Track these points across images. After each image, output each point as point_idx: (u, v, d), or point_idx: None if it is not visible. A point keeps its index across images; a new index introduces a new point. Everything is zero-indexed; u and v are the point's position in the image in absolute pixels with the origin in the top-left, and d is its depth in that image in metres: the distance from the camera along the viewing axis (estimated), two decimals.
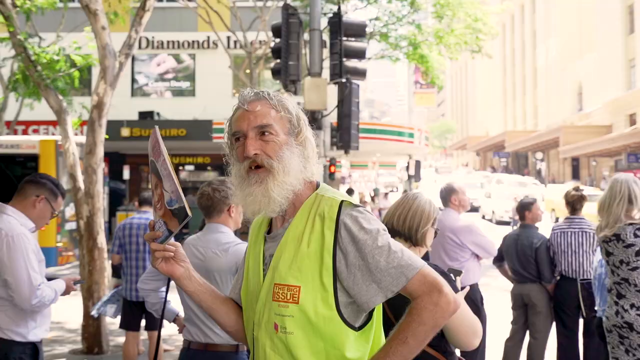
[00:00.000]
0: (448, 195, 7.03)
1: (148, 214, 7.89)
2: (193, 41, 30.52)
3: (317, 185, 2.40)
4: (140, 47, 29.78)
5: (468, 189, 35.50)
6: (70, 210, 14.33)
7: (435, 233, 3.65)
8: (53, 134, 23.19)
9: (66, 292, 4.46)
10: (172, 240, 2.33)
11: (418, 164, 33.77)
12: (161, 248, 2.31)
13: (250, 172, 2.29)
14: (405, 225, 3.54)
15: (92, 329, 8.72)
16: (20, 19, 10.43)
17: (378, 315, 2.37)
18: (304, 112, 2.43)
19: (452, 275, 3.42)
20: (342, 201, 2.27)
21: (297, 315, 2.21)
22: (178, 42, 30.59)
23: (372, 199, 29.67)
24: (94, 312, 7.76)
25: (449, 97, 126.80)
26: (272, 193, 2.25)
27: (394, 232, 3.56)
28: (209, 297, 2.48)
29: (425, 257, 3.69)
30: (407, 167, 34.41)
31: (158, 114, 26.14)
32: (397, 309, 3.34)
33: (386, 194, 32.31)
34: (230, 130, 2.38)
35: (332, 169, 20.80)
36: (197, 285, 2.44)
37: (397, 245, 2.22)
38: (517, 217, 9.05)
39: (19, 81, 10.47)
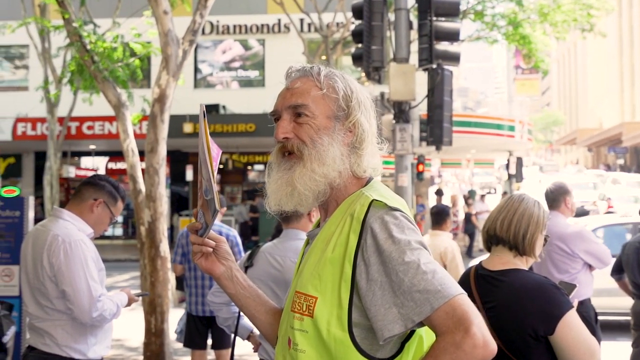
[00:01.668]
0: (559, 196, 6.88)
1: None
2: (262, 25, 30.78)
3: (368, 182, 2.30)
4: (203, 33, 30.12)
5: (579, 190, 34.62)
6: None
7: (545, 240, 3.59)
8: (109, 131, 23.74)
9: (128, 304, 4.57)
10: (212, 233, 2.32)
11: (520, 161, 33.31)
12: (199, 242, 2.31)
13: (283, 159, 2.26)
14: (510, 232, 3.49)
15: (154, 347, 8.86)
16: (73, 4, 10.69)
17: (418, 346, 2.16)
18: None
19: (564, 290, 3.37)
20: (372, 200, 2.14)
21: (311, 331, 2.11)
22: (245, 26, 30.90)
23: (466, 202, 29.38)
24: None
25: (555, 83, 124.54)
26: (297, 183, 2.19)
27: (498, 240, 3.54)
28: (252, 303, 2.44)
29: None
30: (507, 166, 33.96)
31: (224, 107, 26.45)
32: (505, 333, 3.30)
33: (483, 196, 31.90)
34: None
35: (421, 167, 20.73)
36: (240, 288, 2.42)
37: (431, 265, 2.02)
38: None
39: (73, 73, 10.71)
